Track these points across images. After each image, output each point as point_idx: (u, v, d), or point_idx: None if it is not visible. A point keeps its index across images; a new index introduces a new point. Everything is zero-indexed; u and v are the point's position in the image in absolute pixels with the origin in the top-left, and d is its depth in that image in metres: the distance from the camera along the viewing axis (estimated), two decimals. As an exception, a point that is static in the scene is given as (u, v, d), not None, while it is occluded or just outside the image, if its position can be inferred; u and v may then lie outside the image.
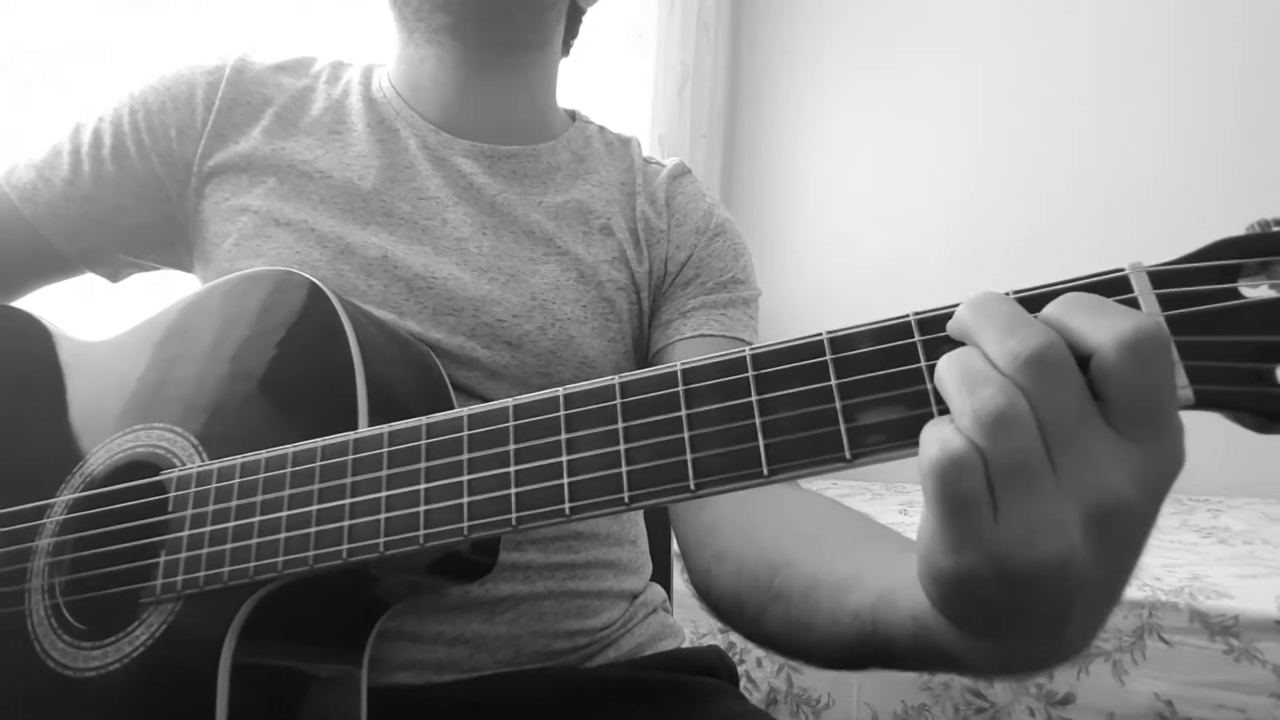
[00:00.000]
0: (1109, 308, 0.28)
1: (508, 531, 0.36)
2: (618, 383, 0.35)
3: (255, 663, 0.42)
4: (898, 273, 2.37)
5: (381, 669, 0.53)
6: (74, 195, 0.63)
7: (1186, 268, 0.29)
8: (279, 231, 0.60)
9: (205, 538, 0.43)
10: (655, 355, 0.65)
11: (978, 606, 0.30)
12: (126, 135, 0.63)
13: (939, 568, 0.30)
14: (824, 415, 0.32)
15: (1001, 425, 0.27)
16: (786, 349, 0.33)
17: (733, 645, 1.33)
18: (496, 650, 0.56)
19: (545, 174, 0.66)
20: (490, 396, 0.58)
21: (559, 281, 0.62)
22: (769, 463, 0.32)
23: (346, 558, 0.39)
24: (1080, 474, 0.27)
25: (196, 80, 0.64)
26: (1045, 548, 0.27)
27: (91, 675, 0.45)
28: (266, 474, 0.42)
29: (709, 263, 0.66)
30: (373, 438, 0.40)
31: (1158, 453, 0.28)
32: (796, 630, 0.44)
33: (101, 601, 0.47)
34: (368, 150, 0.64)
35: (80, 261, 0.66)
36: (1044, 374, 0.27)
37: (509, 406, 0.37)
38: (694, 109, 2.39)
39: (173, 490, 0.46)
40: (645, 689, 0.60)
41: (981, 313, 0.29)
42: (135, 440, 0.50)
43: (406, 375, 0.52)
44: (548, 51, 0.69)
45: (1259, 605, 1.04)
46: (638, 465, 0.34)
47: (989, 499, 0.28)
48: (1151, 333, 0.27)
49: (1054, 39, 2.25)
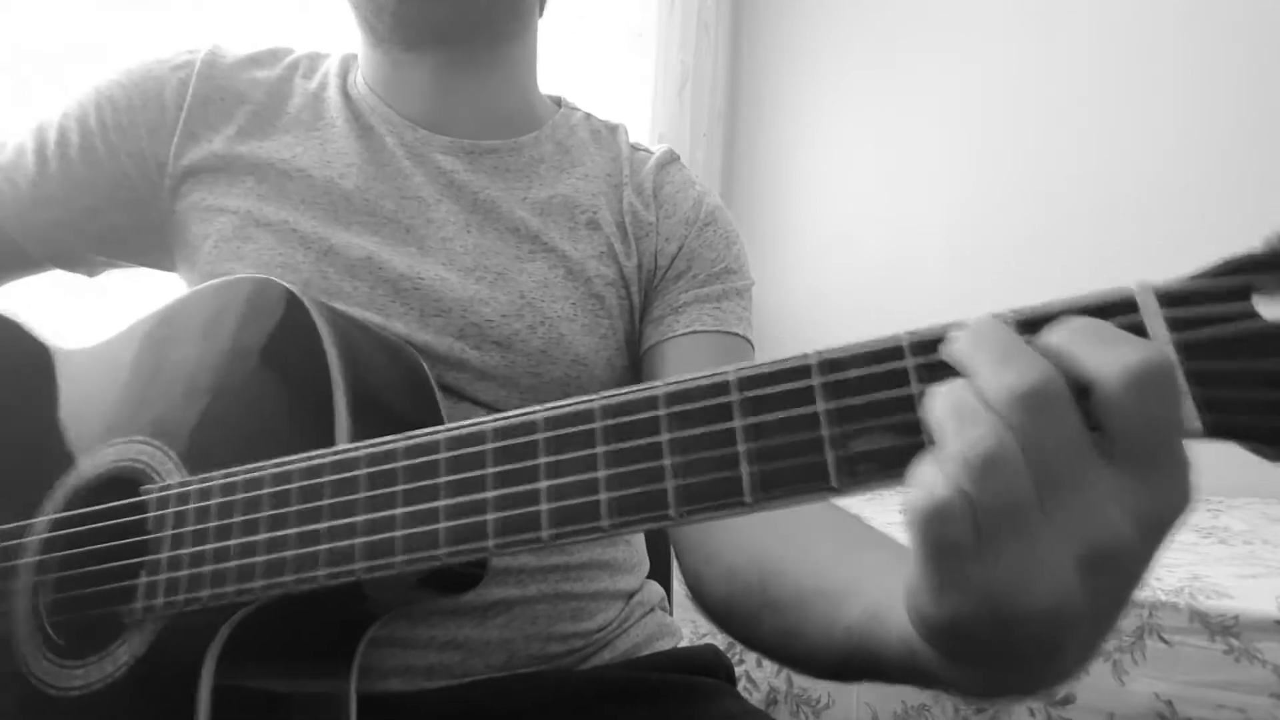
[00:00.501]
0: (1114, 336, 0.26)
1: (485, 555, 0.36)
2: (598, 405, 0.34)
3: (237, 682, 0.42)
4: (898, 273, 2.37)
5: (372, 675, 0.52)
6: (41, 198, 0.61)
7: (1198, 286, 0.27)
8: (260, 233, 0.58)
9: (185, 558, 0.42)
10: (647, 352, 0.63)
11: (967, 644, 0.29)
12: (94, 133, 0.61)
13: (923, 611, 0.29)
14: (811, 443, 0.30)
15: (989, 469, 0.26)
16: (772, 372, 0.32)
17: (732, 645, 1.33)
18: (489, 655, 0.56)
19: (528, 168, 0.64)
20: (480, 398, 0.58)
21: (547, 279, 0.60)
22: (752, 491, 0.31)
23: (325, 580, 0.38)
24: (1075, 516, 0.26)
25: (165, 77, 0.62)
26: (1037, 591, 0.26)
27: (75, 694, 0.45)
28: (245, 494, 0.42)
29: (700, 253, 0.65)
30: (349, 459, 0.39)
31: (1161, 491, 0.26)
32: (787, 640, 0.44)
33: (85, 620, 0.47)
34: (348, 148, 0.62)
35: (52, 264, 0.64)
36: (1039, 411, 0.26)
37: (487, 429, 0.36)
38: (694, 109, 2.39)
39: (153, 509, 0.45)
40: (641, 690, 0.59)
41: (977, 342, 0.28)
42: (117, 454, 0.50)
43: (391, 384, 0.51)
44: (526, 37, 0.66)
45: (1259, 605, 1.04)
46: (618, 492, 0.33)
47: (975, 544, 0.27)
48: (1158, 366, 0.25)
49: (1054, 39, 2.25)
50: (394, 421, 0.42)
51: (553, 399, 0.59)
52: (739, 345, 0.63)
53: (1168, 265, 0.31)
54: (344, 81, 0.65)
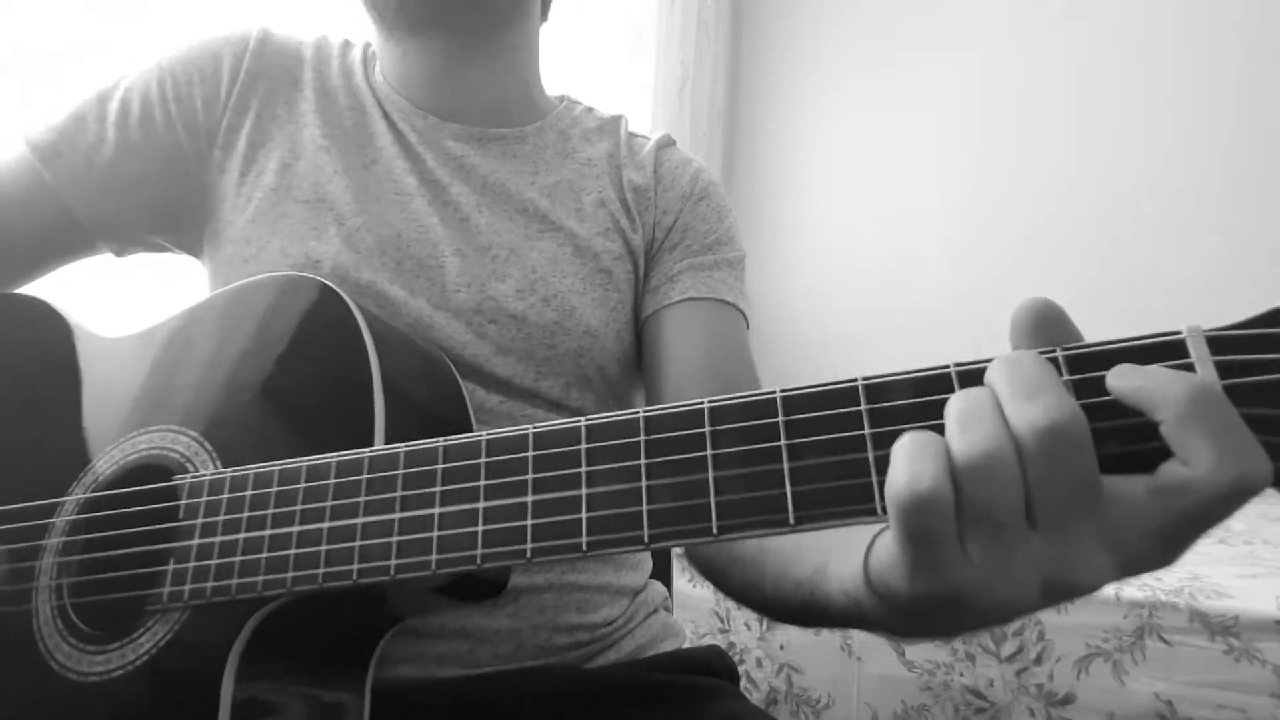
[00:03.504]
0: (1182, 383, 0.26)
1: (521, 563, 0.35)
2: (642, 416, 0.34)
3: (259, 677, 0.42)
4: (898, 273, 2.37)
5: (385, 663, 0.53)
6: (98, 161, 0.63)
7: (1250, 334, 0.27)
8: (296, 208, 0.60)
9: (215, 548, 0.43)
10: (646, 321, 0.66)
11: (920, 614, 0.31)
12: (154, 104, 0.63)
13: (892, 586, 0.30)
14: (854, 465, 0.30)
15: (984, 471, 0.27)
16: (819, 394, 0.32)
17: (733, 645, 1.33)
18: (497, 644, 0.57)
19: (534, 154, 0.67)
20: (498, 372, 0.59)
21: (556, 256, 0.63)
22: (795, 509, 0.31)
23: (356, 578, 0.38)
24: (1062, 548, 0.27)
25: (222, 51, 0.65)
26: (1000, 594, 0.28)
27: (94, 680, 0.45)
28: (279, 487, 0.42)
29: (694, 225, 0.67)
30: (388, 457, 0.39)
31: (1147, 549, 0.27)
32: (748, 590, 0.50)
33: (108, 605, 0.46)
34: (377, 131, 0.65)
35: (95, 232, 0.65)
36: (1054, 444, 0.26)
37: (529, 434, 0.36)
38: (694, 109, 2.39)
39: (184, 497, 0.45)
40: (645, 689, 0.60)
41: (1009, 369, 0.28)
42: (149, 441, 0.50)
43: (426, 389, 0.52)
44: (528, 25, 0.69)
45: (1259, 605, 1.04)
46: (659, 504, 0.33)
47: (954, 539, 0.27)
48: (1211, 397, 0.26)
49: (1054, 39, 2.25)
50: (430, 424, 0.42)
51: (566, 371, 0.60)
52: (730, 313, 0.66)
53: (1168, 265, 0.31)
54: (367, 69, 0.69)
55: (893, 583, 0.30)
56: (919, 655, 1.19)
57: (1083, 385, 0.29)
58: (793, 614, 0.44)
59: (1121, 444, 0.28)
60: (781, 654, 1.29)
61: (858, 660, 1.23)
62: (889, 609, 0.32)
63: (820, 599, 0.39)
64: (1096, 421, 0.27)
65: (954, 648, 1.17)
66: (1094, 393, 0.28)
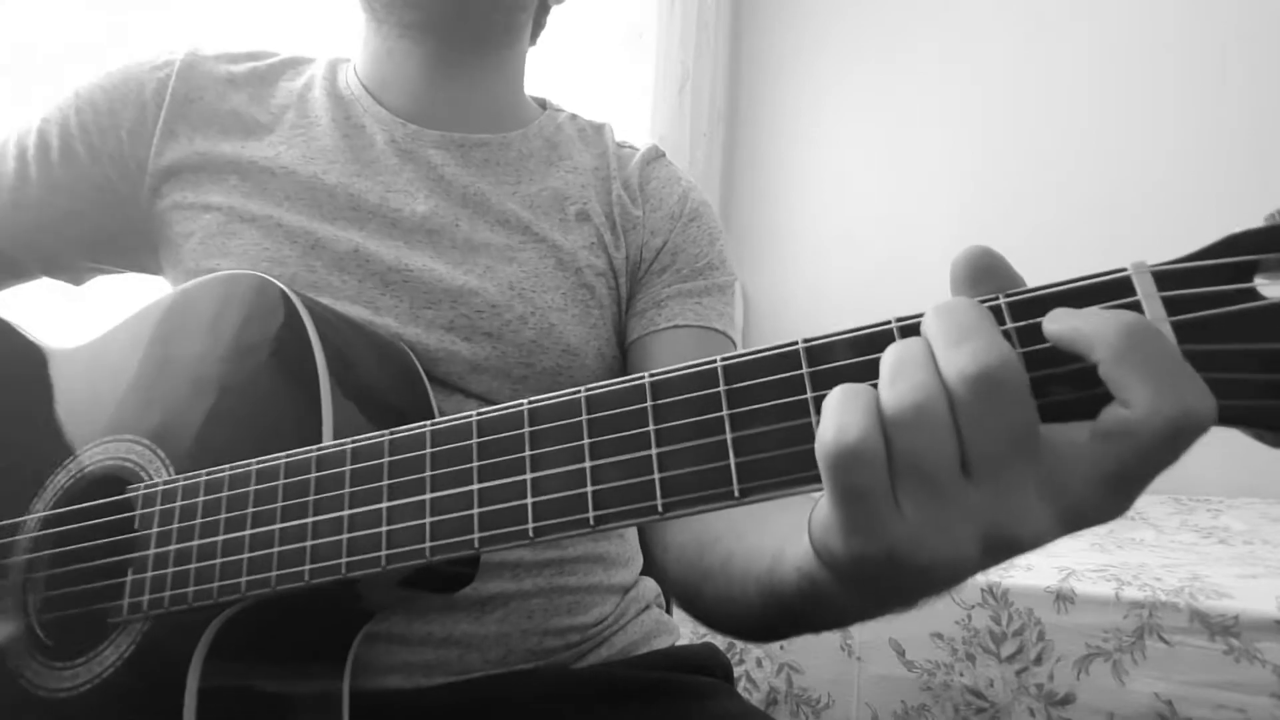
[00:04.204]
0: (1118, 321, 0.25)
1: (470, 554, 0.35)
2: (584, 396, 0.34)
3: (224, 684, 0.42)
4: (898, 273, 2.36)
5: (371, 672, 0.52)
6: (23, 202, 0.62)
7: (1196, 266, 0.26)
8: (245, 228, 0.58)
9: (170, 557, 0.42)
10: (631, 345, 0.64)
11: (862, 577, 0.30)
12: (75, 137, 0.61)
13: (830, 546, 0.29)
14: (798, 432, 0.29)
15: (912, 422, 0.26)
16: (759, 359, 0.31)
17: (732, 644, 1.33)
18: (486, 650, 0.56)
19: (517, 162, 0.65)
20: (473, 390, 0.58)
21: (537, 269, 0.61)
22: (740, 481, 0.30)
23: (309, 579, 0.38)
24: (998, 498, 0.26)
25: (145, 78, 0.62)
26: (938, 551, 0.27)
27: (63, 696, 0.45)
28: (230, 491, 0.41)
29: (684, 249, 0.66)
30: (336, 454, 0.39)
31: (1090, 495, 0.26)
32: (720, 605, 0.46)
33: (72, 620, 0.46)
34: (332, 145, 0.62)
35: (38, 269, 0.64)
36: (988, 391, 0.25)
37: (472, 422, 0.36)
38: (694, 109, 2.39)
39: (139, 507, 0.45)
40: (638, 688, 0.59)
41: (940, 316, 0.27)
42: (104, 452, 0.49)
43: (380, 380, 0.51)
44: (517, 47, 0.68)
45: (1259, 605, 1.04)
46: (603, 485, 0.32)
47: (886, 493, 0.27)
48: (1146, 333, 0.25)
49: (1054, 39, 2.25)
50: (384, 417, 0.42)
51: (544, 389, 0.59)
52: (719, 340, 0.65)
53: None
54: (332, 84, 0.66)
55: (831, 545, 0.29)
56: (919, 655, 1.19)
57: (1026, 332, 0.28)
58: (757, 620, 0.42)
59: (1067, 391, 0.27)
60: (781, 654, 1.29)
61: (858, 660, 1.23)
62: (837, 577, 0.32)
63: (780, 587, 0.38)
64: (1042, 369, 0.27)
65: (954, 648, 1.17)
66: (1039, 340, 0.27)
